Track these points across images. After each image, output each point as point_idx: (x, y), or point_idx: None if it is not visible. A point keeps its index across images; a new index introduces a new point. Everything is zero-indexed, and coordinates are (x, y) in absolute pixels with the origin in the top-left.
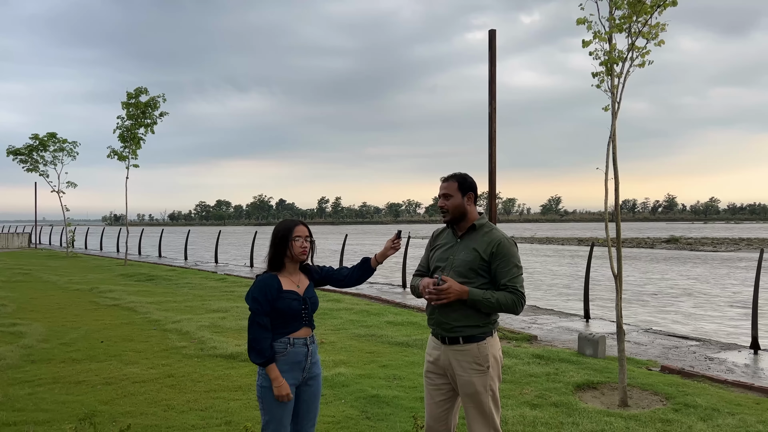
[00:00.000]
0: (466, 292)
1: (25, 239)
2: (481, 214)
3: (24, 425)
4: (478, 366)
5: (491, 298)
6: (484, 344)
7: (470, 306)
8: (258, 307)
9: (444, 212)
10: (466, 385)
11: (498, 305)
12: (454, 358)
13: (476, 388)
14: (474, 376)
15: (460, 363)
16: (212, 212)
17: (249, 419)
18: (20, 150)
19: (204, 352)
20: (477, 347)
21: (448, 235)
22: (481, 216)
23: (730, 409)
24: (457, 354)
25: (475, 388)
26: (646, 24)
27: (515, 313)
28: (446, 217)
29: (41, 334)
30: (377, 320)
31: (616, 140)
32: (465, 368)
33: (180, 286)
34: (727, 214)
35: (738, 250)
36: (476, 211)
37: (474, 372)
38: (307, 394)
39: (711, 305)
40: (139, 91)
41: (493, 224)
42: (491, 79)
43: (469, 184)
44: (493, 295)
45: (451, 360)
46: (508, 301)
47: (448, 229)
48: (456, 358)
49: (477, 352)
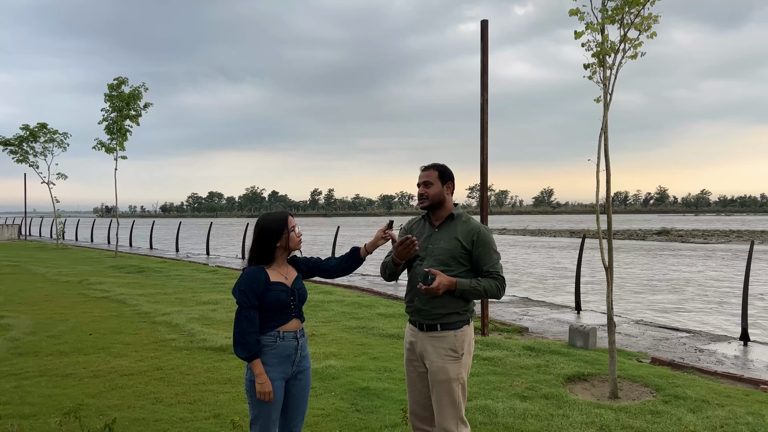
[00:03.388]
0: (454, 284)
1: (14, 231)
2: (456, 205)
3: (9, 419)
4: (453, 353)
5: (478, 286)
6: (461, 332)
7: (458, 296)
8: (245, 300)
9: (424, 199)
10: (438, 372)
11: (484, 292)
12: (431, 345)
13: (448, 375)
14: (447, 363)
15: (436, 349)
16: (204, 204)
17: (237, 412)
18: (10, 140)
19: (193, 344)
20: (454, 335)
21: (424, 225)
22: (456, 206)
23: (720, 400)
24: (434, 341)
25: (447, 375)
26: (638, 15)
27: (498, 297)
28: (425, 203)
29: (29, 327)
30: (368, 312)
31: (608, 132)
32: (440, 354)
33: (170, 278)
34: (718, 206)
35: (728, 242)
36: (452, 201)
37: (448, 359)
38: (297, 388)
39: (701, 297)
40: (121, 82)
41: (468, 214)
42: (483, 70)
43: (448, 174)
44: (479, 282)
45: (426, 346)
46: (492, 287)
47: (422, 220)
48: (432, 345)
49: (454, 339)
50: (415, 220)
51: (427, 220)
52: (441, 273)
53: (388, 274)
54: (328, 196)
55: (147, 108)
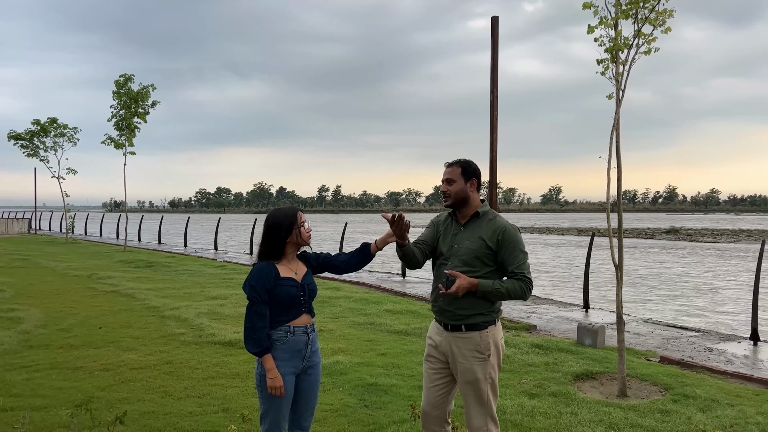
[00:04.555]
0: (476, 285)
1: (24, 225)
2: (483, 201)
3: (21, 411)
4: (479, 354)
5: (500, 287)
6: (486, 333)
7: (480, 297)
8: (256, 295)
9: (446, 197)
10: (466, 373)
11: (507, 293)
12: (456, 345)
13: (476, 376)
14: (475, 364)
15: (461, 350)
16: (212, 200)
17: (246, 407)
18: (21, 135)
19: (202, 339)
20: (479, 335)
21: (451, 223)
22: (483, 203)
23: (730, 400)
24: (459, 341)
25: (475, 375)
26: (653, 10)
27: (524, 299)
28: (448, 201)
29: (39, 320)
30: (376, 308)
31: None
32: (466, 356)
33: (179, 272)
34: (728, 205)
35: (738, 242)
36: (478, 198)
37: (475, 360)
38: (307, 383)
39: (711, 296)
40: (127, 78)
41: (495, 211)
42: (493, 67)
43: (473, 170)
44: (502, 284)
45: (452, 347)
46: (516, 288)
47: (450, 217)
48: (458, 345)
49: (479, 340)
50: (443, 216)
51: (454, 218)
52: (461, 275)
53: (406, 262)
54: (335, 192)
55: (155, 106)
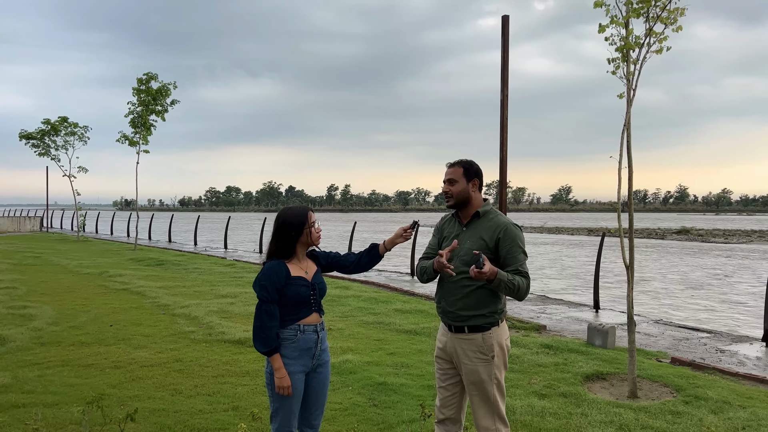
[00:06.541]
0: (495, 273)
1: (36, 223)
2: (485, 200)
3: (33, 407)
4: (482, 355)
5: (514, 280)
6: (489, 334)
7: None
8: (266, 294)
9: (448, 197)
10: (471, 374)
11: (517, 289)
12: (460, 347)
13: (481, 377)
14: (479, 365)
15: (465, 351)
16: (222, 198)
17: (256, 405)
18: (32, 134)
19: (212, 337)
20: (482, 337)
21: (454, 223)
22: (485, 202)
23: (742, 402)
24: (463, 343)
25: (479, 376)
26: (664, 9)
27: (521, 300)
28: (450, 202)
29: (51, 317)
30: (385, 308)
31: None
32: (470, 357)
33: (189, 271)
34: (740, 205)
35: (750, 242)
36: (481, 198)
37: (479, 361)
38: (317, 381)
39: (722, 297)
40: (150, 77)
41: (497, 210)
42: (504, 65)
43: (474, 170)
44: (515, 278)
45: (457, 348)
46: (524, 285)
47: (453, 218)
48: (461, 347)
49: (481, 341)
50: (447, 218)
51: (456, 218)
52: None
53: (425, 279)
54: (344, 191)
55: (174, 105)
